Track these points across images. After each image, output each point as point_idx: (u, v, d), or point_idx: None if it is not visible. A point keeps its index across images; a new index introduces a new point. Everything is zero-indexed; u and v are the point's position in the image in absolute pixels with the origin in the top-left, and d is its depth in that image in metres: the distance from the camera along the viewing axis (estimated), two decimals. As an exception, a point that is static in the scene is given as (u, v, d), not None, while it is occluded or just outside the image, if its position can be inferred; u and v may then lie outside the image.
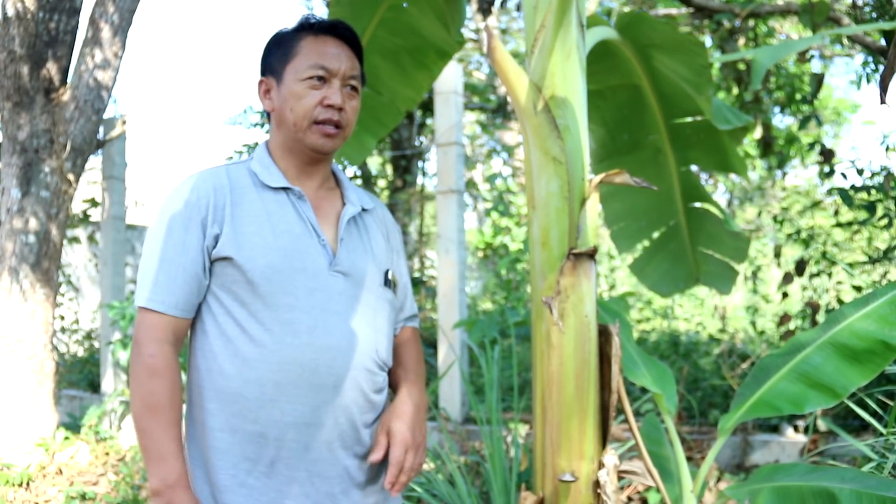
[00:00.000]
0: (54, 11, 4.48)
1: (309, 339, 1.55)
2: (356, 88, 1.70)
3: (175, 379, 1.54)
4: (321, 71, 1.63)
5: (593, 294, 1.86)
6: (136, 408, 1.53)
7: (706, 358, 5.98)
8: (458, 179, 4.84)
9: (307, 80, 1.63)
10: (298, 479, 1.56)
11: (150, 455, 1.50)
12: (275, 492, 1.55)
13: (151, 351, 1.53)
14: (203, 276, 1.57)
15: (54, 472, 4.48)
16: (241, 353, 1.54)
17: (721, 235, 3.37)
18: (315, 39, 1.66)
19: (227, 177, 1.64)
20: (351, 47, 1.70)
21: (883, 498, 1.72)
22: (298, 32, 1.69)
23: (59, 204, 4.60)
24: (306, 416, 1.55)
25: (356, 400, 1.61)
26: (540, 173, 1.88)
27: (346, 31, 1.70)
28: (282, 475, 1.55)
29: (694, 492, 2.28)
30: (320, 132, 1.64)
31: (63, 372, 6.73)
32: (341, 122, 1.65)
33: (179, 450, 1.51)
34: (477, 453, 3.95)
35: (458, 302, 4.77)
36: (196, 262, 1.56)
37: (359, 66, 1.72)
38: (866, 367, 2.04)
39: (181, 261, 1.55)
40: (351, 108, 1.68)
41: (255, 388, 1.53)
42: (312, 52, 1.64)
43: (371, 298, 1.67)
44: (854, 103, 13.54)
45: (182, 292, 1.55)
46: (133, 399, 1.54)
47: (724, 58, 2.27)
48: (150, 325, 1.54)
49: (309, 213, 1.64)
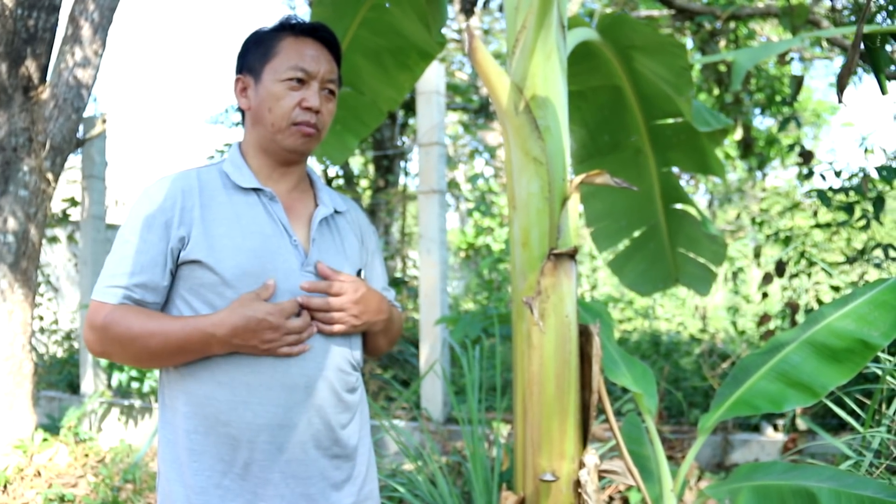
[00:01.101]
0: (33, 8, 4.44)
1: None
2: (333, 92, 1.71)
3: (139, 309, 1.54)
4: (300, 73, 1.63)
5: (574, 294, 1.87)
6: (136, 348, 1.53)
7: (687, 358, 6.01)
8: (440, 179, 4.84)
9: (286, 82, 1.63)
10: (273, 480, 1.55)
11: (183, 344, 1.51)
12: (250, 493, 1.54)
13: (104, 319, 1.53)
14: (161, 277, 1.56)
15: (32, 474, 4.43)
16: (213, 356, 1.54)
17: (700, 237, 3.40)
18: (295, 40, 1.66)
19: (198, 179, 1.64)
20: (330, 50, 1.70)
21: (861, 496, 1.74)
22: (279, 32, 1.68)
23: (37, 203, 4.55)
24: (279, 418, 1.54)
25: (329, 400, 1.60)
26: (521, 174, 1.88)
27: (326, 34, 1.70)
28: (256, 477, 1.54)
29: (674, 491, 2.30)
30: (298, 133, 1.64)
31: (42, 373, 6.66)
32: (318, 124, 1.66)
33: (188, 318, 1.52)
34: (458, 453, 3.95)
35: (439, 302, 4.77)
36: (155, 263, 1.55)
37: (337, 70, 1.72)
38: (845, 366, 2.06)
39: (140, 259, 1.55)
40: (327, 110, 1.69)
41: (227, 391, 1.53)
42: (292, 53, 1.64)
43: None
44: (833, 105, 13.64)
45: (138, 289, 1.55)
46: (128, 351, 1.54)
47: (704, 59, 2.28)
48: (99, 310, 1.55)
49: (280, 214, 1.63)
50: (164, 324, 1.52)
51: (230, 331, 1.49)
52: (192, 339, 1.50)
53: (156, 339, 1.50)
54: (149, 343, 1.51)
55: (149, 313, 1.55)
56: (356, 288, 1.63)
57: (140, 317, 1.52)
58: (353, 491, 1.67)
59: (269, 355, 1.53)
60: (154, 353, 1.52)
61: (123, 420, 5.55)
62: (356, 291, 1.62)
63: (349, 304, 1.61)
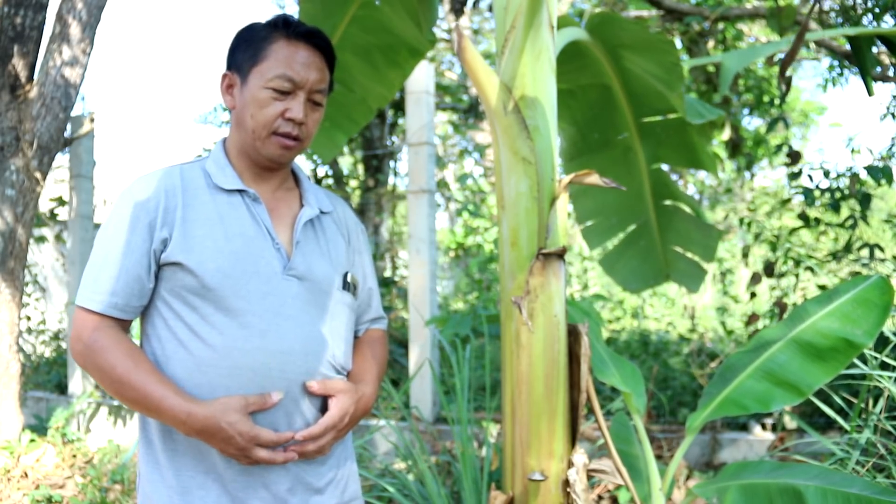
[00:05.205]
0: (20, 6, 4.41)
1: (261, 343, 1.52)
2: (320, 102, 1.65)
3: (127, 343, 1.51)
4: (287, 84, 1.58)
5: (562, 294, 1.87)
6: (112, 389, 1.49)
7: (676, 357, 6.04)
8: (430, 179, 4.84)
9: (272, 90, 1.58)
10: (253, 484, 1.53)
11: (154, 410, 1.47)
12: (230, 496, 1.52)
13: (92, 337, 1.50)
14: (146, 278, 1.53)
15: (19, 476, 4.40)
16: (192, 358, 1.51)
17: (691, 233, 3.42)
18: (287, 44, 1.60)
19: (181, 177, 1.60)
20: (323, 55, 1.65)
21: (847, 494, 1.75)
22: (271, 33, 1.62)
23: (25, 202, 4.53)
24: (258, 421, 1.50)
25: (311, 404, 1.58)
26: (509, 173, 1.89)
27: (320, 41, 1.64)
28: (237, 480, 1.52)
29: (663, 490, 2.30)
30: (278, 144, 1.60)
31: (29, 373, 6.62)
32: (300, 135, 1.61)
33: (170, 387, 1.47)
34: (448, 453, 3.95)
35: (429, 302, 4.77)
36: (139, 265, 1.52)
37: (328, 77, 1.67)
38: (830, 364, 2.08)
39: (125, 262, 1.52)
40: (313, 120, 1.64)
41: (207, 394, 1.49)
42: (282, 58, 1.58)
43: (328, 302, 1.63)
44: (821, 106, 13.72)
45: (123, 293, 1.52)
46: (105, 384, 1.51)
47: (693, 62, 2.29)
48: (86, 322, 1.52)
49: (263, 216, 1.60)
50: (146, 381, 1.47)
51: (199, 428, 1.44)
52: (162, 411, 1.46)
53: (133, 392, 1.47)
54: (124, 392, 1.48)
55: (135, 357, 1.49)
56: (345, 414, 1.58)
57: (126, 360, 1.48)
58: (336, 493, 1.65)
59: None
60: (126, 400, 1.50)
61: (111, 420, 5.52)
62: (343, 419, 1.58)
63: (322, 447, 1.57)
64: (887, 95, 6.30)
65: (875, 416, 2.65)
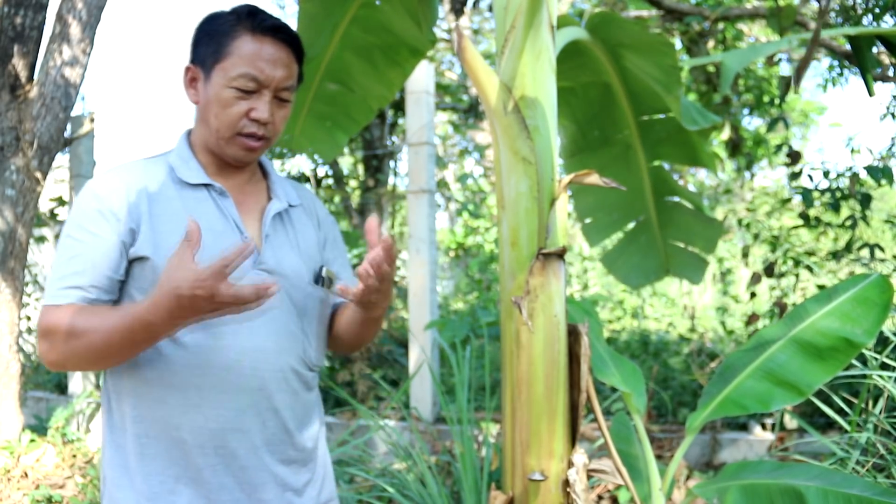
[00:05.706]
0: (20, 6, 4.41)
1: (232, 340, 1.48)
2: (287, 99, 1.58)
3: (83, 307, 1.44)
4: (252, 84, 1.50)
5: (563, 294, 1.87)
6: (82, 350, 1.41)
7: (676, 357, 6.03)
8: (430, 179, 4.84)
9: (235, 89, 1.50)
10: (227, 486, 1.50)
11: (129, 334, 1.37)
12: (204, 499, 1.49)
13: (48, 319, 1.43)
14: (115, 272, 1.47)
15: (19, 476, 4.40)
16: (161, 357, 1.47)
17: (691, 226, 3.44)
18: (252, 39, 1.51)
19: (144, 173, 1.55)
20: (291, 49, 1.56)
21: (847, 495, 1.75)
22: (235, 26, 1.53)
23: (25, 202, 4.52)
24: (231, 421, 1.48)
25: (285, 401, 1.55)
26: (509, 173, 1.88)
27: (286, 35, 1.56)
28: (210, 483, 1.49)
29: (663, 490, 2.30)
30: (242, 145, 1.54)
31: (29, 373, 6.62)
32: (266, 134, 1.55)
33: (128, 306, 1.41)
34: (448, 453, 3.95)
35: (429, 302, 4.77)
36: (107, 257, 1.46)
37: (296, 72, 1.59)
38: (830, 364, 2.08)
39: (92, 255, 1.46)
40: (279, 117, 1.57)
41: (177, 393, 1.46)
42: (246, 56, 1.50)
43: (299, 297, 1.59)
44: (821, 106, 13.70)
45: (93, 290, 1.46)
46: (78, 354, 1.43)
47: (693, 62, 2.29)
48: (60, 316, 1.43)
49: (231, 210, 1.55)
50: (105, 318, 1.39)
51: (166, 314, 1.32)
52: (135, 330, 1.36)
53: (99, 335, 1.39)
54: (94, 341, 1.39)
55: (91, 309, 1.43)
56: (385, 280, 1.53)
57: (82, 314, 1.41)
58: (313, 495, 1.63)
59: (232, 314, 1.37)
60: (101, 351, 1.41)
61: (111, 420, 5.51)
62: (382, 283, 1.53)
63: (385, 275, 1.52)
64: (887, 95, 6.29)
65: (875, 416, 2.65)
